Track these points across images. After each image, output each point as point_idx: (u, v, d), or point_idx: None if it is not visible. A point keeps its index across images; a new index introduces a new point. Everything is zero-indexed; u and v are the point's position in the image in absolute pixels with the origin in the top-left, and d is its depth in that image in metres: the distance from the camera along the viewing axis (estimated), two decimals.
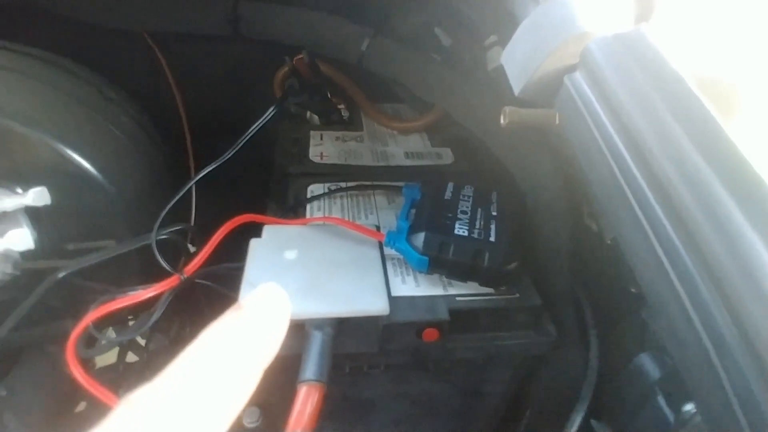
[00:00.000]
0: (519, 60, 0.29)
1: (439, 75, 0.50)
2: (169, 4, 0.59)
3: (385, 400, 0.43)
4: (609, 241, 0.36)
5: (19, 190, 0.48)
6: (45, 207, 0.47)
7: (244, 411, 0.57)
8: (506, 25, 0.36)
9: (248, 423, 0.57)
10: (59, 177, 0.49)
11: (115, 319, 0.53)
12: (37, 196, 0.45)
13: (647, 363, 0.36)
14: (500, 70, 0.34)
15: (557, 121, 0.31)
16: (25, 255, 0.49)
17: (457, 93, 0.47)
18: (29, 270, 0.49)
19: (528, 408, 0.48)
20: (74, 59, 0.60)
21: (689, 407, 0.27)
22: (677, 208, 0.20)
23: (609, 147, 0.23)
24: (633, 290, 0.36)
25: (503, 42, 0.35)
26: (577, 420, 0.36)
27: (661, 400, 0.32)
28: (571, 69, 0.27)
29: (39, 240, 0.48)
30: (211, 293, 0.53)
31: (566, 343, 0.41)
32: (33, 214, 0.50)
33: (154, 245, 0.46)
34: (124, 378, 0.59)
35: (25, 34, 0.57)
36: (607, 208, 0.24)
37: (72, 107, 0.56)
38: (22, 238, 0.43)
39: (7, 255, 0.47)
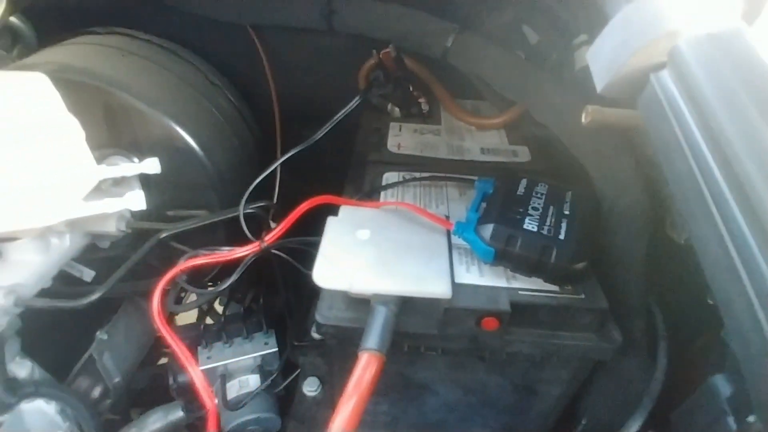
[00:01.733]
0: (605, 56, 0.29)
1: (523, 72, 0.50)
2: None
3: (439, 384, 0.45)
4: (683, 241, 0.35)
5: (136, 160, 0.55)
6: (154, 176, 0.53)
7: (304, 380, 0.61)
8: (597, 24, 0.35)
9: (308, 391, 0.61)
10: (168, 150, 0.55)
11: (199, 284, 0.59)
12: (151, 165, 0.51)
13: (721, 384, 0.34)
14: (587, 70, 0.34)
15: (641, 123, 0.30)
16: (135, 216, 0.56)
17: (539, 91, 0.47)
18: (136, 230, 0.56)
19: (584, 416, 0.47)
20: (184, 47, 0.67)
21: (752, 419, 0.26)
22: (757, 212, 0.19)
23: (691, 146, 0.23)
24: (710, 302, 0.35)
25: (593, 41, 0.35)
26: (633, 428, 0.35)
27: (731, 420, 0.30)
28: (658, 67, 0.27)
29: (147, 204, 0.55)
30: (286, 267, 0.58)
31: (632, 352, 0.40)
32: (144, 181, 0.57)
33: (241, 217, 0.51)
34: (202, 337, 0.65)
35: (143, 23, 0.65)
36: (684, 208, 0.24)
37: (183, 90, 0.63)
38: (138, 200, 0.49)
39: (122, 214, 0.54)
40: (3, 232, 0.45)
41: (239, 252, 0.46)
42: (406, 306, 0.36)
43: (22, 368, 0.51)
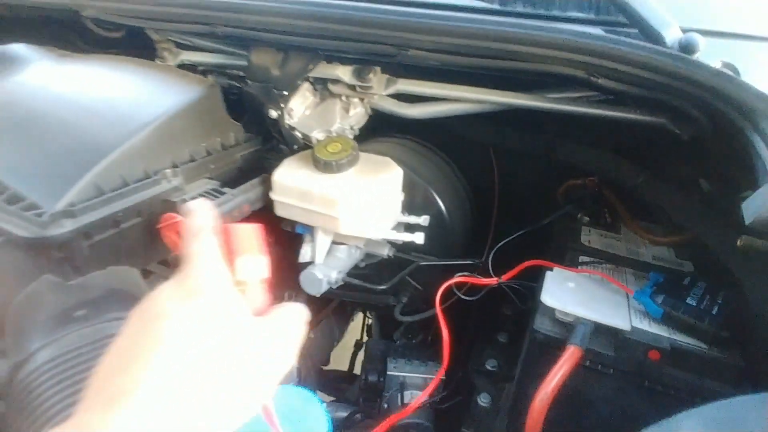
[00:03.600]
0: (757, 201, 0.50)
1: (694, 209, 0.71)
2: (508, 131, 0.96)
3: (604, 405, 0.63)
4: None
5: (414, 217, 0.87)
6: (421, 227, 0.84)
7: (479, 394, 0.82)
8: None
9: (482, 402, 0.81)
10: (429, 211, 0.86)
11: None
12: (425, 221, 0.82)
13: None
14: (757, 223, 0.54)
15: None
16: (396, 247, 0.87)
17: (703, 222, 0.68)
18: (396, 257, 0.87)
19: None
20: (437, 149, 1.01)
21: None
22: None
23: None
24: None
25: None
26: None
27: None
28: None
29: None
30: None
31: None
32: (410, 229, 0.88)
33: (489, 264, 0.78)
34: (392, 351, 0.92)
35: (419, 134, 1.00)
36: None
37: (436, 170, 0.95)
38: (420, 239, 0.79)
39: (390, 246, 0.86)
40: (347, 236, 0.79)
41: (485, 281, 0.73)
42: (596, 329, 0.58)
43: None
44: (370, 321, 1.54)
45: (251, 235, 0.38)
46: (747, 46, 0.72)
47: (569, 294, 0.62)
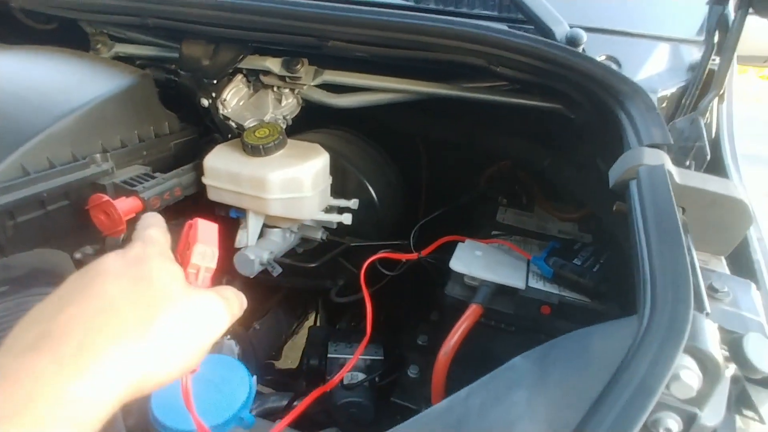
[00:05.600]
0: (617, 168, 0.58)
1: (591, 187, 0.80)
2: (431, 121, 1.03)
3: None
4: None
5: (344, 201, 0.92)
6: (351, 209, 0.89)
7: (408, 367, 0.87)
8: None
9: (411, 374, 0.87)
10: (360, 195, 0.92)
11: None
12: (354, 204, 0.87)
13: None
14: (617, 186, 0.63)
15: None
16: (329, 231, 0.92)
17: (598, 197, 0.77)
18: (327, 240, 0.92)
19: None
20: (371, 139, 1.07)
21: None
22: None
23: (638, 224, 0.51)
24: None
25: None
26: None
27: None
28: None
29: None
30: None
31: None
32: (340, 212, 0.93)
33: (412, 244, 0.84)
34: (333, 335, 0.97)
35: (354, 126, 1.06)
36: None
37: (367, 158, 1.01)
38: (348, 219, 0.85)
39: (328, 227, 0.90)
40: (278, 219, 0.83)
41: (406, 256, 0.79)
42: (497, 290, 0.65)
43: None
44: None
45: (210, 230, 0.43)
46: (628, 41, 0.82)
47: (476, 261, 0.69)
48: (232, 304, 0.39)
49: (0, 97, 0.72)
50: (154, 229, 0.40)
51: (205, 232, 0.42)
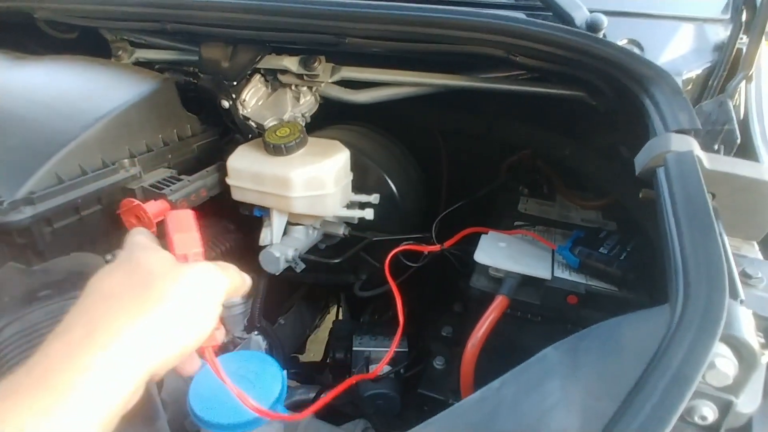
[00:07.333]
0: (644, 155, 0.57)
1: (615, 174, 0.79)
2: (451, 114, 1.02)
3: (536, 353, 0.70)
4: None
5: (365, 196, 0.93)
6: (372, 204, 0.90)
7: (434, 358, 0.88)
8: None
9: (437, 365, 0.88)
10: (381, 190, 0.92)
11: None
12: (376, 199, 0.88)
13: None
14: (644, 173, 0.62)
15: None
16: (351, 226, 0.93)
17: (622, 185, 0.76)
18: (350, 236, 0.93)
19: None
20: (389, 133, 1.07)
21: None
22: None
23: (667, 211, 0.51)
24: None
25: None
26: None
27: None
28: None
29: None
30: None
31: None
32: (362, 208, 0.94)
33: (434, 236, 0.84)
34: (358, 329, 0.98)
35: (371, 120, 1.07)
36: None
37: (387, 153, 1.02)
38: (369, 215, 0.85)
39: (349, 222, 0.91)
40: (301, 216, 0.84)
41: (428, 248, 0.79)
42: (523, 281, 0.65)
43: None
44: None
45: (183, 218, 0.46)
46: (650, 23, 0.80)
47: (500, 252, 0.69)
48: (226, 267, 0.42)
49: (31, 107, 0.74)
50: (140, 236, 0.44)
51: (178, 222, 0.45)
